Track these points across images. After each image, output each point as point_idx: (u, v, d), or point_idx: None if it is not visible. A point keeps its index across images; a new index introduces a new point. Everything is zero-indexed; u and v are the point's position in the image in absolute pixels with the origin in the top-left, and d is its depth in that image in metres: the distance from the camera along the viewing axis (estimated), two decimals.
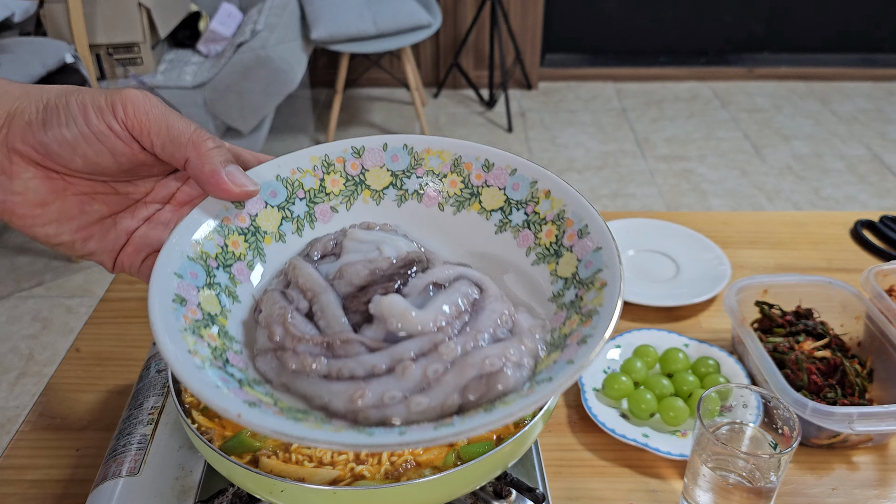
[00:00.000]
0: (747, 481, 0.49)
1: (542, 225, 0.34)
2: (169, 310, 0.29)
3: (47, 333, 1.70)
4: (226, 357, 0.29)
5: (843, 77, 3.02)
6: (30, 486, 0.57)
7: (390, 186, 0.36)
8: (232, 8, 2.33)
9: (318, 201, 0.35)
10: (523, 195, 0.34)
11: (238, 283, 0.32)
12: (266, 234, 0.33)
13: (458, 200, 0.36)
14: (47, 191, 0.29)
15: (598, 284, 0.31)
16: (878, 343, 0.64)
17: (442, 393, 0.27)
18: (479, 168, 0.36)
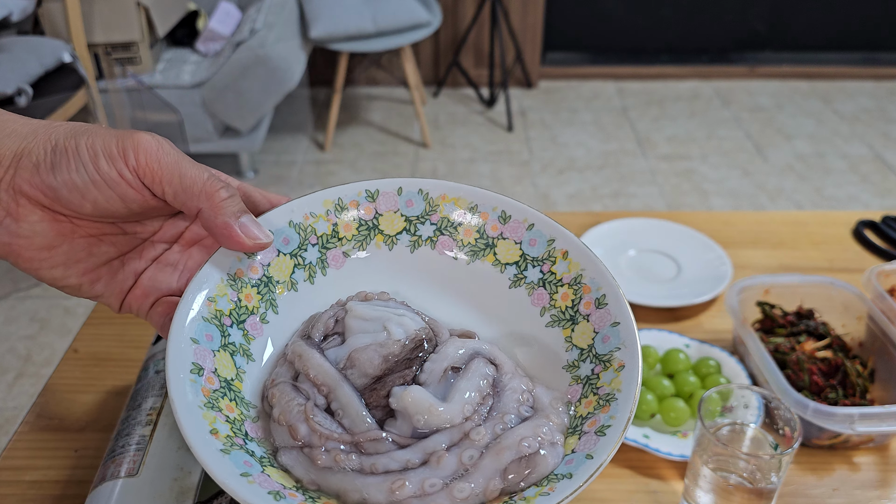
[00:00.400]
0: (748, 482, 0.49)
1: (558, 286, 0.33)
2: (188, 385, 0.28)
3: (45, 334, 1.69)
4: (245, 430, 0.29)
5: (846, 76, 3.02)
6: (28, 486, 0.57)
7: (404, 232, 0.35)
8: (230, 7, 2.33)
9: (330, 247, 0.34)
10: (540, 252, 0.34)
11: (252, 339, 0.32)
12: (279, 283, 0.33)
13: (472, 250, 0.35)
14: (55, 234, 0.28)
15: (615, 365, 0.30)
16: (880, 343, 0.64)
17: (483, 478, 0.26)
18: (495, 219, 0.35)
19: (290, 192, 2.29)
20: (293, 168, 2.39)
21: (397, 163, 2.41)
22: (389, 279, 0.35)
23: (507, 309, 0.34)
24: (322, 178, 2.33)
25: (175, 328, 0.28)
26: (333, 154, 2.48)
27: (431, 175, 2.34)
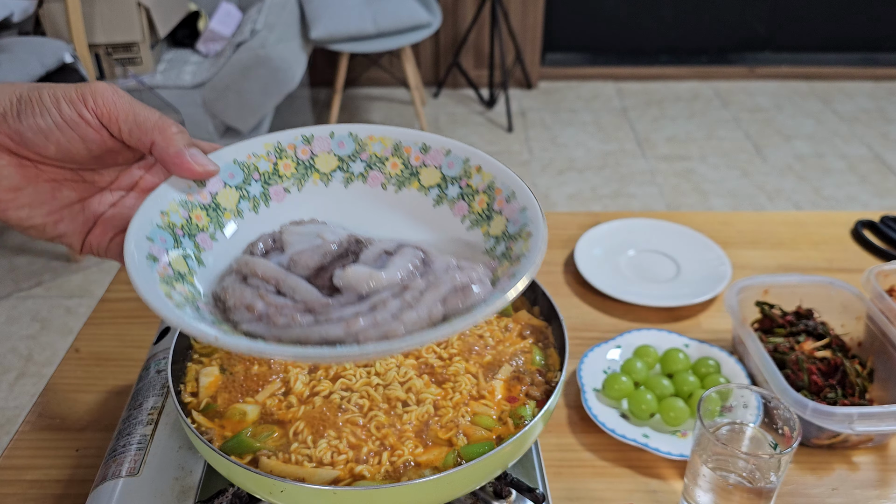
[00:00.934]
0: (747, 482, 0.49)
1: (474, 195, 0.39)
2: (144, 263, 0.31)
3: (46, 334, 1.70)
4: (197, 305, 0.33)
5: (845, 76, 3.02)
6: (29, 486, 0.57)
7: (337, 170, 0.40)
8: (231, 7, 2.33)
9: (272, 183, 0.39)
10: (457, 172, 0.39)
11: (203, 250, 0.35)
12: (225, 210, 0.37)
13: (399, 180, 0.40)
14: (20, 177, 0.31)
15: (524, 235, 0.36)
16: (879, 343, 0.64)
17: (426, 307, 0.30)
18: (417, 151, 0.40)
19: None
20: None
21: None
22: (327, 212, 0.39)
23: (433, 224, 0.39)
24: None
25: (133, 226, 0.32)
26: None
27: None
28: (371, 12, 2.35)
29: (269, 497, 0.44)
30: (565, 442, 0.61)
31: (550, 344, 0.55)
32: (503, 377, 0.51)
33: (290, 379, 0.51)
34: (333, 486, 0.43)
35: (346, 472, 0.44)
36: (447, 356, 0.52)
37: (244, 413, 0.49)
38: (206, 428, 0.48)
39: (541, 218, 0.36)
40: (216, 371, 0.52)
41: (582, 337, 0.73)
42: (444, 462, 0.46)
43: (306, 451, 0.46)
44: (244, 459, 0.46)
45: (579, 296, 0.79)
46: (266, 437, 0.47)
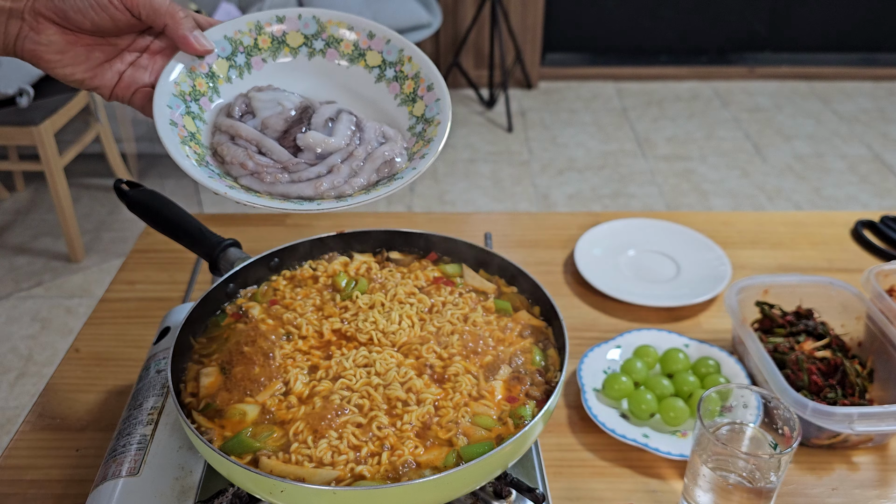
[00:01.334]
0: (747, 481, 0.49)
1: (405, 80, 0.51)
2: (169, 130, 0.45)
3: (46, 334, 1.69)
4: (206, 160, 0.46)
5: (845, 77, 3.02)
6: (29, 486, 0.57)
7: (303, 45, 0.51)
8: (231, 7, 2.33)
9: (252, 54, 0.51)
10: (394, 58, 0.51)
11: (204, 111, 0.49)
12: (219, 77, 0.50)
13: (350, 58, 0.52)
14: (64, 43, 0.43)
15: (435, 123, 0.49)
16: (879, 343, 0.64)
17: (366, 174, 0.46)
18: (365, 36, 0.52)
19: None
20: None
21: None
22: (295, 80, 0.51)
23: (373, 96, 0.52)
24: None
25: (157, 97, 0.45)
26: None
27: (432, 174, 2.35)
28: (371, 12, 2.34)
29: (268, 497, 0.44)
30: (565, 442, 0.61)
31: (550, 344, 0.55)
32: (503, 377, 0.51)
33: (290, 379, 0.51)
34: (333, 486, 0.43)
35: (346, 473, 0.44)
36: (447, 356, 0.52)
37: (244, 413, 0.49)
38: (206, 428, 0.48)
39: (449, 108, 0.49)
40: (216, 371, 0.52)
41: (582, 337, 0.73)
42: (445, 462, 0.45)
43: (307, 452, 0.46)
44: (244, 459, 0.46)
45: (579, 296, 0.79)
46: (266, 437, 0.47)
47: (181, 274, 0.82)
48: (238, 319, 0.57)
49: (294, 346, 0.53)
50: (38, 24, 0.42)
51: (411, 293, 0.58)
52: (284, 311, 0.57)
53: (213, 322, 0.57)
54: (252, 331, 0.55)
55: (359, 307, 0.57)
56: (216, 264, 0.61)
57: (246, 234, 0.88)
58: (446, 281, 0.60)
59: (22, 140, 1.78)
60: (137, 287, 0.80)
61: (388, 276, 0.60)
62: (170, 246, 0.84)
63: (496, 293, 0.60)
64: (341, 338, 0.55)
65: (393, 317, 0.55)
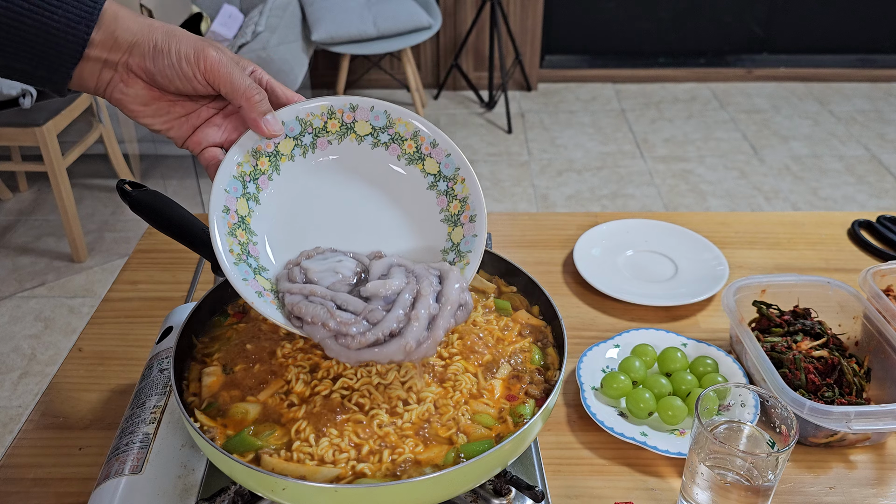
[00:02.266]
0: (745, 480, 0.50)
1: (454, 199, 0.52)
2: (221, 219, 0.47)
3: (49, 333, 1.70)
4: (248, 250, 0.48)
5: (842, 78, 3.03)
6: (32, 484, 0.57)
7: (369, 135, 0.53)
8: (233, 9, 2.34)
9: (320, 136, 0.52)
10: (450, 173, 0.53)
11: (261, 190, 0.50)
12: (282, 155, 0.51)
13: (410, 158, 0.53)
14: (149, 97, 0.47)
15: (465, 261, 0.50)
16: (876, 342, 0.64)
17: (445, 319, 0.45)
18: (428, 143, 0.53)
19: None
20: None
21: None
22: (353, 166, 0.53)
23: (422, 203, 0.53)
24: None
25: (216, 185, 0.47)
26: None
27: None
28: (372, 15, 2.35)
29: (270, 495, 0.44)
30: (564, 440, 0.61)
31: (549, 343, 0.56)
32: (502, 376, 0.52)
33: (292, 378, 0.51)
34: (335, 484, 0.43)
35: (347, 471, 0.45)
36: (447, 355, 0.53)
37: (246, 411, 0.49)
38: (208, 426, 0.48)
39: (482, 250, 0.49)
40: (219, 371, 0.53)
41: (581, 336, 0.73)
42: (445, 460, 0.46)
43: (308, 450, 0.46)
44: (246, 457, 0.46)
45: (578, 295, 0.79)
46: (268, 436, 0.47)
47: (184, 274, 0.82)
48: (240, 319, 0.57)
49: (295, 346, 0.54)
50: (129, 78, 0.45)
51: None
52: None
53: (215, 322, 0.58)
54: (254, 330, 0.55)
55: None
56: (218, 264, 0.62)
57: None
58: None
59: (25, 141, 1.79)
60: (140, 287, 0.80)
61: None
62: (172, 246, 0.84)
63: (496, 293, 0.60)
64: None
65: None
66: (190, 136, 0.49)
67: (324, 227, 0.51)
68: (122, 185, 0.72)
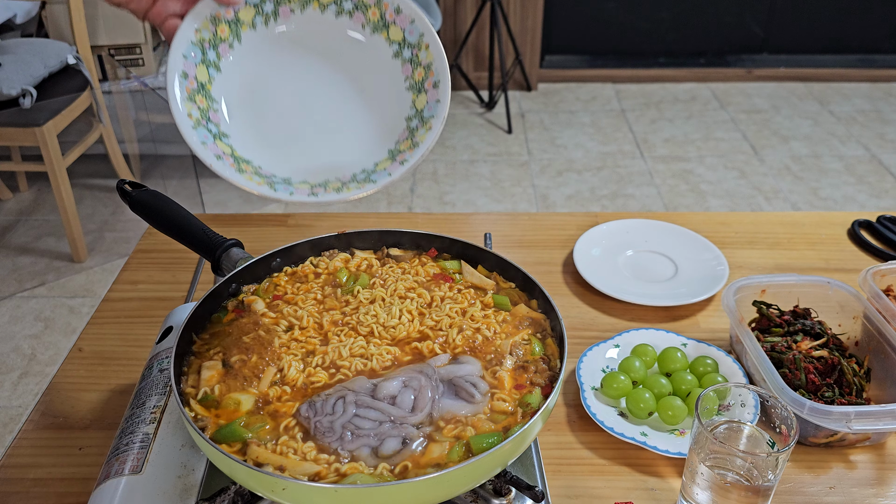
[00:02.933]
0: (745, 480, 0.50)
1: (418, 66, 0.54)
2: (177, 84, 0.47)
3: (49, 333, 1.70)
4: (208, 115, 0.48)
5: (842, 78, 3.03)
6: (32, 484, 0.57)
7: (332, 3, 0.53)
8: None
9: (282, 4, 0.51)
10: (414, 41, 0.53)
11: (221, 58, 0.50)
12: (243, 23, 0.51)
13: (374, 26, 0.53)
14: None
15: (427, 126, 0.51)
16: (876, 342, 0.64)
17: None
18: (392, 10, 0.53)
19: None
20: None
21: None
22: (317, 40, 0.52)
23: (385, 73, 0.52)
24: None
25: (173, 46, 0.47)
26: None
27: (432, 175, 2.36)
28: None
29: (270, 495, 0.44)
30: (564, 440, 0.61)
31: (548, 334, 0.56)
32: (508, 368, 0.52)
33: (285, 366, 0.51)
34: (335, 485, 0.43)
35: (328, 471, 0.45)
36: (451, 356, 0.53)
37: (238, 402, 0.49)
38: (201, 416, 0.49)
39: (445, 115, 0.50)
40: (218, 365, 0.53)
41: (581, 336, 0.73)
42: (451, 455, 0.46)
43: (293, 445, 0.46)
44: (234, 447, 0.46)
45: (578, 295, 0.79)
46: (258, 428, 0.48)
47: (183, 274, 0.82)
48: (239, 315, 0.57)
49: (291, 336, 0.54)
50: None
51: (411, 288, 0.59)
52: (286, 305, 0.58)
53: (214, 318, 0.58)
54: (253, 324, 0.55)
55: (359, 301, 0.58)
56: (218, 264, 0.62)
57: (248, 235, 0.88)
58: (445, 277, 0.61)
59: (25, 141, 1.79)
60: (140, 287, 0.80)
61: (388, 272, 0.61)
62: (172, 246, 0.84)
63: (494, 289, 0.60)
64: (341, 327, 0.56)
65: (393, 311, 0.56)
66: (151, 8, 0.49)
67: (284, 103, 0.50)
68: (122, 185, 0.72)
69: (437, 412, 0.48)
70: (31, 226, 2.11)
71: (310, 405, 0.49)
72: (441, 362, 0.53)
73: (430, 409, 0.48)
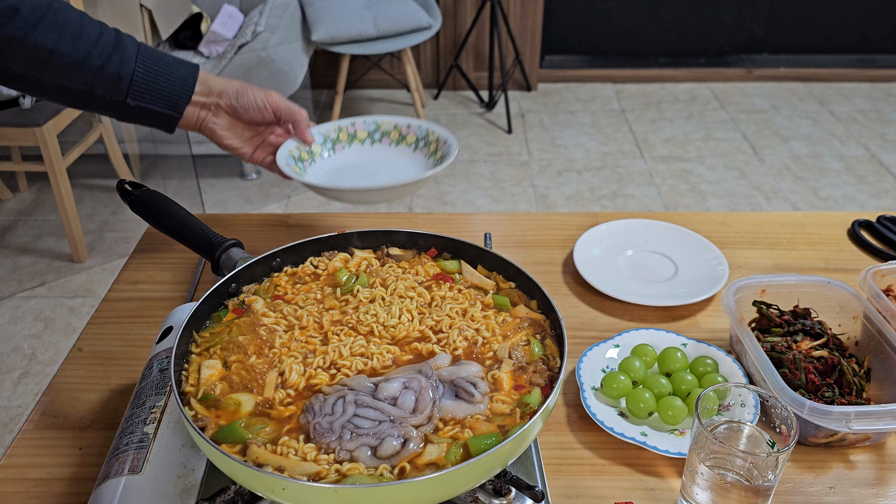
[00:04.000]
0: (745, 480, 0.50)
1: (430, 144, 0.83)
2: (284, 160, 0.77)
3: (49, 333, 1.70)
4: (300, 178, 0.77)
5: (842, 78, 3.03)
6: (32, 484, 0.57)
7: (368, 137, 0.86)
8: (233, 9, 2.34)
9: (336, 142, 0.85)
10: (423, 135, 0.84)
11: (305, 170, 0.80)
12: (314, 153, 0.82)
13: (396, 141, 0.85)
14: (230, 125, 0.73)
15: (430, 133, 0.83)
16: (876, 342, 0.64)
17: None
18: (404, 127, 0.85)
19: (294, 192, 2.30)
20: None
21: None
22: (363, 155, 0.84)
23: (412, 157, 0.83)
24: None
25: (279, 155, 0.77)
26: None
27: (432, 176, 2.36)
28: (372, 15, 2.35)
29: (270, 495, 0.44)
30: (564, 440, 0.61)
31: (548, 335, 0.56)
32: (507, 370, 0.52)
33: (286, 370, 0.51)
34: (335, 485, 0.43)
35: (328, 471, 0.45)
36: (452, 357, 0.53)
37: (238, 403, 0.49)
38: (201, 415, 0.49)
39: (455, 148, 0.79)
40: (218, 364, 0.53)
41: (581, 336, 0.73)
42: (448, 455, 0.46)
43: (294, 445, 0.46)
44: (234, 448, 0.46)
45: (578, 295, 0.79)
46: (259, 430, 0.48)
47: (183, 274, 0.83)
48: (240, 315, 0.58)
49: (291, 336, 0.54)
50: (219, 112, 0.72)
51: (411, 287, 0.59)
52: (285, 304, 0.58)
53: (214, 317, 0.58)
54: (252, 323, 0.55)
55: (359, 301, 0.58)
56: (218, 264, 0.62)
57: (248, 235, 0.88)
58: (445, 277, 0.61)
59: (25, 141, 1.79)
60: (140, 287, 0.80)
61: (388, 271, 0.61)
62: (172, 246, 0.84)
63: (494, 289, 0.61)
64: (341, 327, 0.56)
65: (393, 311, 0.56)
66: (255, 151, 0.76)
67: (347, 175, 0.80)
68: (122, 185, 0.72)
69: (437, 413, 0.48)
70: (31, 226, 2.11)
71: (307, 409, 0.49)
72: (441, 362, 0.52)
73: (430, 410, 0.48)
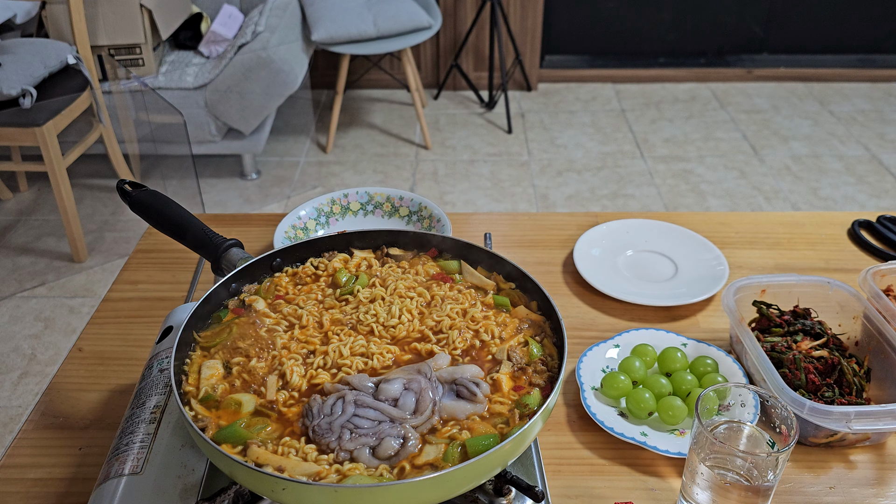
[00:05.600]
0: (745, 480, 0.50)
1: (424, 219, 0.85)
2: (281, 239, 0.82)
3: (49, 333, 1.70)
4: None
5: (842, 78, 3.03)
6: (32, 484, 0.57)
7: (361, 209, 0.88)
8: (233, 9, 2.34)
9: (330, 215, 0.87)
10: (416, 208, 0.87)
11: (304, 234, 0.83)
12: (308, 229, 0.84)
13: (389, 213, 0.87)
14: None
15: (423, 208, 0.86)
16: (876, 342, 0.64)
17: None
18: (397, 198, 0.88)
19: (293, 193, 2.30)
20: (295, 169, 2.40)
21: (398, 164, 2.41)
22: (357, 227, 0.84)
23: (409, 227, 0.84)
24: (324, 179, 2.34)
25: (276, 236, 0.81)
26: (335, 155, 2.49)
27: (432, 176, 2.36)
28: (372, 15, 2.35)
29: (270, 495, 0.44)
30: (564, 440, 0.61)
31: (547, 336, 0.56)
32: (506, 371, 0.52)
33: (287, 372, 0.51)
34: (335, 485, 0.43)
35: (328, 472, 0.45)
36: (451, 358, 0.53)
37: (239, 403, 0.49)
38: (202, 416, 0.49)
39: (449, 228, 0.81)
40: (218, 364, 0.53)
41: (581, 336, 0.73)
42: (446, 457, 0.46)
43: (296, 444, 0.46)
44: (235, 449, 0.46)
45: (578, 295, 0.79)
46: (259, 430, 0.48)
47: (183, 274, 0.83)
48: (240, 315, 0.58)
49: (290, 336, 0.54)
50: None
51: (411, 287, 0.59)
52: (286, 305, 0.58)
53: (214, 317, 0.58)
54: (252, 324, 0.55)
55: (359, 300, 0.58)
56: (218, 264, 0.62)
57: (248, 235, 0.88)
58: (445, 277, 0.61)
59: (25, 141, 1.79)
60: (140, 287, 0.80)
61: (388, 271, 0.61)
62: (172, 246, 0.84)
63: (495, 290, 0.60)
64: (342, 326, 0.56)
65: (393, 310, 0.56)
66: None
67: None
68: (122, 185, 0.72)
69: (437, 414, 0.48)
70: (31, 226, 2.11)
71: (306, 413, 0.49)
72: (441, 362, 0.52)
73: (431, 410, 0.48)
